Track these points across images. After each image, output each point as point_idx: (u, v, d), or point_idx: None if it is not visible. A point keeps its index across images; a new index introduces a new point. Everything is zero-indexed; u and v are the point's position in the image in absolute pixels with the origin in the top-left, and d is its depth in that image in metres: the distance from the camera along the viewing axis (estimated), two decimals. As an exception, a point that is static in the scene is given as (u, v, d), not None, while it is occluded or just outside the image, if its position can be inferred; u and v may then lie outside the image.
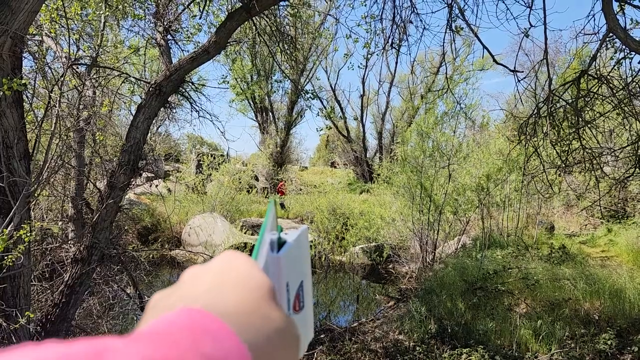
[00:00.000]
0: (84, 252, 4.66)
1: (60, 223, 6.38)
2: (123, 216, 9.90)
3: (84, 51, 7.08)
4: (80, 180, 5.65)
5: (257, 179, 24.56)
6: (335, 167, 37.34)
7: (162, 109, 5.41)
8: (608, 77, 4.36)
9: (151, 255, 11.62)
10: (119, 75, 5.80)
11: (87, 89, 5.89)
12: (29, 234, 3.76)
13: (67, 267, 4.88)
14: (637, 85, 4.25)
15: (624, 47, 4.37)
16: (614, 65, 4.49)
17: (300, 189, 21.93)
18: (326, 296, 10.87)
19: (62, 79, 5.11)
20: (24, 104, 4.16)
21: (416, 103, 27.30)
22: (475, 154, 12.06)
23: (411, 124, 18.67)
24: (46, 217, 6.32)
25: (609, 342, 5.38)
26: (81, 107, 5.68)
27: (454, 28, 5.58)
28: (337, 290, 11.50)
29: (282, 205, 17.98)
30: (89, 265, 4.67)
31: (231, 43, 6.14)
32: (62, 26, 5.58)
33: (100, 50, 7.08)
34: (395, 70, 27.60)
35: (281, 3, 6.43)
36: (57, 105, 5.02)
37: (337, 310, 9.71)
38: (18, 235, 3.60)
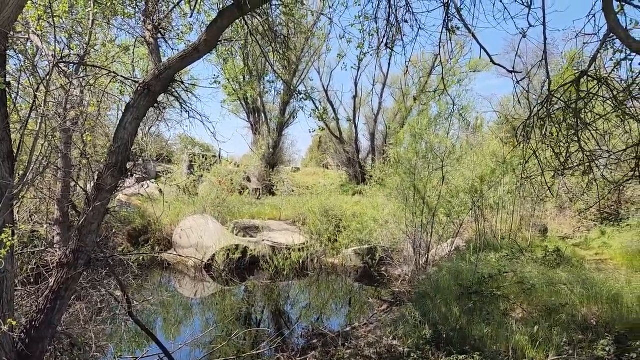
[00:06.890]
0: (69, 256, 4.50)
1: (45, 226, 6.21)
2: (112, 218, 9.71)
3: (72, 50, 6.91)
4: (67, 182, 5.48)
5: (249, 180, 24.42)
6: (327, 168, 37.19)
7: (151, 109, 5.27)
8: (608, 78, 4.28)
9: (141, 258, 11.44)
10: (107, 75, 5.64)
11: (75, 88, 5.73)
12: (10, 238, 3.61)
13: (53, 272, 4.72)
14: (637, 87, 4.16)
15: (623, 47, 4.29)
16: (614, 67, 4.41)
17: (293, 190, 21.79)
18: (318, 299, 10.74)
19: (47, 77, 4.95)
20: (8, 103, 4.01)
21: (409, 104, 27.26)
22: (469, 156, 12.00)
23: (404, 126, 18.59)
24: (31, 220, 6.15)
25: (607, 349, 5.30)
26: (68, 106, 5.51)
27: (450, 28, 5.47)
28: (329, 293, 11.36)
29: None
30: (75, 269, 4.50)
31: (222, 42, 6.00)
32: (50, 24, 5.42)
33: (89, 48, 6.92)
34: (388, 72, 27.61)
35: (274, 2, 6.31)
36: (42, 105, 4.86)
37: (330, 314, 9.59)
38: (0, 239, 3.46)
